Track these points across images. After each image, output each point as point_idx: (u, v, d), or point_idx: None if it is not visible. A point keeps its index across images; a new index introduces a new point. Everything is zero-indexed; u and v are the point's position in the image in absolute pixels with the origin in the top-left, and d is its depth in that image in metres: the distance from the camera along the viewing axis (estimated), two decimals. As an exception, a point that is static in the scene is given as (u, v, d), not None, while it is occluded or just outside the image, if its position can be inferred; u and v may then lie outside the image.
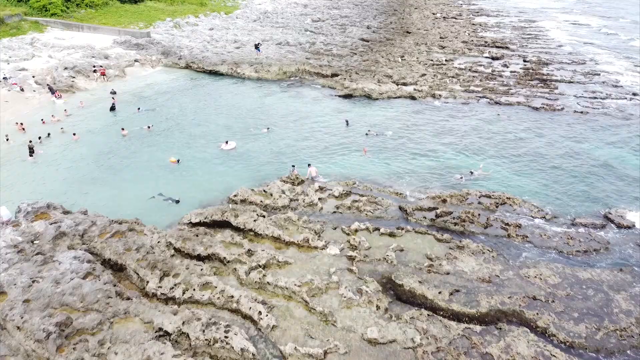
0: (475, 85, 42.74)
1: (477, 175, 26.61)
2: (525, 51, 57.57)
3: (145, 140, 31.64)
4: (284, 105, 38.95)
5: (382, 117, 36.15)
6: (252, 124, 34.53)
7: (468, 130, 33.51)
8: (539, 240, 20.41)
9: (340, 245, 19.23)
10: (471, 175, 26.42)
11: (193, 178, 26.37)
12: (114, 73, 45.56)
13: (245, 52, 51.84)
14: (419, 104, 38.85)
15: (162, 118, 35.59)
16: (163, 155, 29.27)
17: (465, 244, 19.42)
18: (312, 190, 23.32)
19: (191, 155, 29.28)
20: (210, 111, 37.28)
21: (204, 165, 28.01)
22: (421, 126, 34.24)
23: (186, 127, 33.99)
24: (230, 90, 42.77)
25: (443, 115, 36.28)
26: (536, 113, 36.91)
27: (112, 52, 50.88)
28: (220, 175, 26.73)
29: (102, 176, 26.48)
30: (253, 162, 28.53)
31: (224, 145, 30.12)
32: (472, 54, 55.55)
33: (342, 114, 36.76)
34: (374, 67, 47.64)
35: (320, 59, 50.50)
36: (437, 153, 29.96)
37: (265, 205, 22.47)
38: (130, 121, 34.53)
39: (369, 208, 22.22)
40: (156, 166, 27.79)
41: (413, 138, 32.19)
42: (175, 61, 49.49)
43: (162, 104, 38.62)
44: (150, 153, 29.69)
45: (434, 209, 22.28)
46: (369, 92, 40.61)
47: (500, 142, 31.67)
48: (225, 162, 28.49)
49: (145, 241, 18.80)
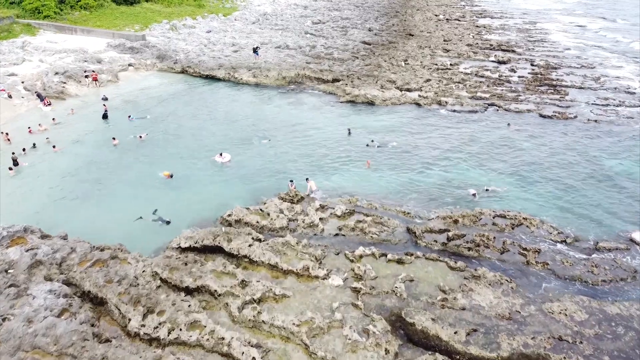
0: (483, 92, 41.00)
1: (484, 190, 24.87)
2: (533, 55, 55.87)
3: (137, 151, 29.89)
4: (282, 113, 37.21)
5: (385, 126, 34.41)
6: (252, 134, 32.78)
7: (477, 140, 31.77)
8: (561, 268, 18.66)
9: (344, 274, 17.49)
10: (487, 192, 24.65)
11: (186, 194, 24.63)
12: (107, 78, 43.84)
13: (243, 56, 50.12)
14: (424, 112, 37.11)
15: (155, 127, 33.84)
16: (155, 168, 27.51)
17: (481, 272, 17.67)
18: (312, 210, 21.58)
19: (185, 168, 27.54)
20: (206, 119, 35.54)
21: (198, 179, 26.28)
22: (427, 136, 32.50)
23: (180, 137, 32.25)
24: (227, 97, 41.04)
25: (450, 124, 34.53)
26: (548, 122, 35.16)
27: (106, 56, 49.17)
28: (215, 191, 25.00)
29: (88, 192, 24.72)
30: (249, 176, 26.80)
31: (218, 158, 28.40)
32: (477, 57, 53.83)
33: (344, 122, 35.03)
34: (377, 72, 45.92)
35: (320, 63, 48.79)
36: (445, 166, 28.22)
37: (261, 227, 20.72)
38: (122, 130, 32.79)
39: (374, 230, 20.47)
40: (147, 180, 26.04)
41: (419, 149, 30.45)
42: (170, 65, 47.77)
43: (155, 112, 36.88)
44: (141, 165, 27.94)
45: (445, 230, 20.54)
46: (371, 99, 38.88)
47: (511, 153, 29.92)
48: (220, 176, 26.76)
49: (128, 271, 17.05)
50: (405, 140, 31.78)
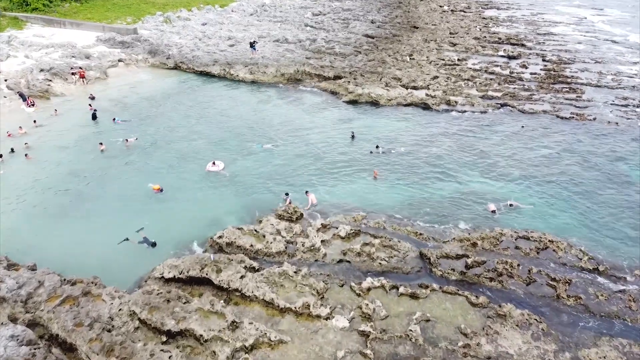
0: (494, 90, 38.55)
1: (507, 205, 22.59)
2: (544, 49, 53.25)
3: (124, 158, 27.56)
4: (281, 113, 34.80)
5: (391, 129, 32.04)
6: (249, 138, 30.43)
7: (490, 146, 29.41)
8: (595, 303, 16.44)
9: (350, 313, 15.28)
10: (511, 207, 22.37)
11: (174, 209, 22.35)
12: (95, 75, 41.37)
13: (240, 51, 47.54)
14: (432, 113, 34.69)
15: (144, 130, 31.47)
16: (142, 178, 25.22)
17: (507, 310, 15.44)
18: (313, 231, 19.30)
19: (175, 179, 25.25)
20: (199, 121, 33.15)
21: (189, 191, 23.99)
22: (437, 141, 30.13)
23: (171, 142, 29.89)
24: (221, 96, 38.59)
25: (461, 127, 32.14)
26: (565, 124, 32.76)
27: (95, 51, 46.60)
28: (207, 205, 22.72)
29: (66, 207, 22.45)
30: (244, 187, 24.51)
31: (210, 166, 26.09)
32: (486, 52, 51.23)
33: (347, 124, 32.66)
34: (381, 68, 43.40)
35: (321, 58, 46.23)
36: (458, 176, 25.92)
37: (256, 251, 18.46)
38: (110, 133, 30.51)
39: (383, 255, 18.22)
40: (134, 194, 23.74)
41: (428, 155, 28.11)
42: (163, 61, 45.25)
43: (145, 113, 34.48)
44: (127, 176, 25.63)
45: (463, 256, 18.29)
46: (376, 98, 36.45)
47: (528, 161, 27.58)
48: (213, 188, 24.46)
49: (102, 311, 14.83)
50: (413, 145, 29.43)
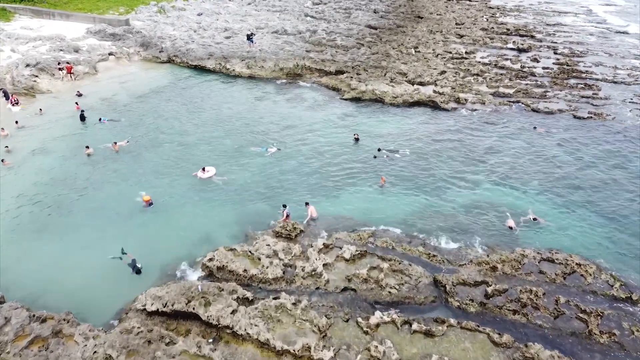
0: (505, 86, 36.41)
1: (530, 220, 20.64)
2: (554, 41, 50.92)
3: (111, 164, 25.55)
4: (279, 112, 32.72)
5: (397, 130, 30.00)
6: (247, 139, 28.44)
7: (504, 149, 27.40)
8: (631, 340, 14.58)
9: (357, 357, 13.41)
10: (534, 222, 20.42)
11: (162, 225, 20.41)
12: (84, 70, 39.16)
13: (237, 44, 45.24)
14: (441, 112, 32.59)
15: (133, 131, 29.43)
16: (130, 187, 23.28)
17: (535, 352, 13.57)
18: (314, 252, 17.38)
19: (165, 188, 23.29)
20: (192, 121, 31.09)
21: (179, 202, 22.05)
22: (447, 144, 28.09)
23: (161, 144, 27.87)
24: (217, 92, 36.46)
25: (471, 128, 30.07)
26: (583, 125, 30.69)
27: (84, 44, 44.31)
28: (198, 219, 20.79)
29: (45, 222, 20.49)
30: (239, 197, 22.57)
31: (200, 174, 24.11)
32: (494, 44, 48.91)
33: (350, 124, 30.60)
34: (385, 62, 41.19)
35: (322, 51, 43.97)
36: (471, 183, 23.96)
37: (250, 277, 16.56)
38: (97, 135, 28.54)
39: (392, 281, 16.33)
40: (120, 206, 21.79)
41: (438, 160, 26.12)
42: (155, 54, 43.01)
43: (135, 111, 32.41)
44: (114, 183, 23.69)
45: (482, 283, 16.40)
46: (380, 96, 34.33)
47: (546, 167, 25.60)
48: (206, 198, 22.50)
49: (74, 354, 12.97)
50: (421, 148, 27.42)
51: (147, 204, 21.24)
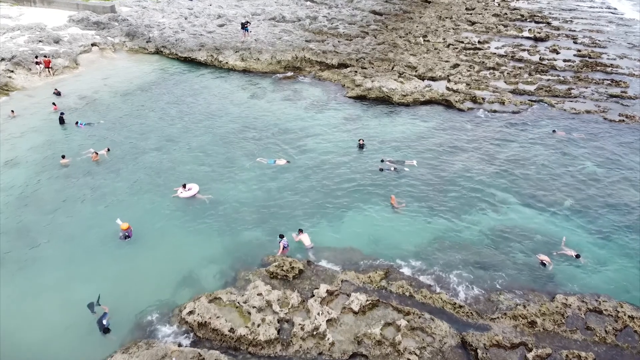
0: (525, 82, 33.15)
1: (569, 256, 17.70)
2: (572, 29, 47.37)
3: (89, 177, 22.56)
4: (275, 113, 29.57)
5: (406, 135, 26.90)
6: (243, 147, 25.40)
7: (528, 160, 24.33)
8: None
9: None
10: (574, 259, 17.48)
11: (140, 261, 17.46)
12: (63, 63, 35.88)
13: (230, 33, 41.74)
14: (455, 113, 29.42)
15: (114, 136, 26.41)
16: (106, 210, 20.32)
17: None
18: (316, 304, 14.49)
19: (146, 209, 20.36)
20: (180, 124, 27.99)
21: (160, 230, 19.08)
22: (463, 153, 25.03)
23: (145, 152, 24.85)
24: (208, 88, 33.22)
25: (490, 133, 26.95)
26: (615, 129, 27.55)
27: (66, 34, 40.94)
28: (179, 253, 17.83)
29: (5, 254, 17.59)
30: (227, 222, 19.60)
31: (181, 192, 21.09)
32: (508, 32, 45.39)
33: (353, 127, 27.52)
34: (392, 54, 37.81)
35: (323, 41, 40.52)
36: (492, 203, 20.98)
37: (238, 339, 13.67)
38: (76, 142, 25.58)
39: (412, 344, 13.47)
40: (94, 233, 18.87)
41: (455, 173, 23.11)
42: (142, 45, 39.64)
43: (117, 112, 29.29)
44: (89, 203, 20.76)
45: (520, 344, 13.54)
46: (388, 94, 31.11)
47: (578, 182, 22.59)
48: (189, 224, 19.52)
49: None
50: (434, 159, 24.38)
51: (124, 235, 18.17)
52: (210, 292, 15.31)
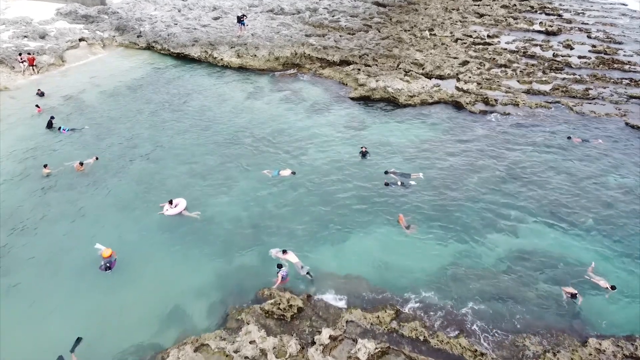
0: (539, 81, 31.12)
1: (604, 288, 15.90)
2: (585, 22, 45.11)
3: (70, 190, 20.74)
4: (273, 116, 27.62)
5: (414, 142, 24.98)
6: (237, 154, 23.55)
7: (547, 171, 22.44)
8: None
9: None
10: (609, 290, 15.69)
11: (120, 295, 15.69)
12: (49, 61, 33.79)
13: (226, 26, 39.55)
14: (466, 116, 27.43)
15: (99, 143, 24.53)
16: (88, 228, 18.54)
17: None
18: (317, 354, 12.73)
19: (130, 229, 18.56)
20: (171, 128, 26.06)
21: (144, 255, 17.28)
22: (476, 161, 23.13)
23: (132, 161, 22.99)
24: (201, 88, 31.19)
25: (505, 139, 25.01)
26: (637, 136, 25.62)
27: (53, 28, 38.72)
28: (164, 284, 16.07)
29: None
30: (218, 244, 17.83)
31: (167, 208, 19.23)
32: (519, 25, 43.15)
33: (356, 132, 25.61)
34: (397, 49, 35.69)
35: (324, 35, 38.35)
36: (509, 221, 19.15)
37: (228, 395, 11.99)
38: (57, 149, 23.73)
39: (425, 400, 11.77)
40: (74, 257, 17.10)
41: (468, 187, 21.24)
42: (133, 40, 37.49)
43: (104, 114, 27.34)
44: (70, 221, 18.98)
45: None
46: (394, 95, 29.11)
47: (603, 197, 20.71)
48: (176, 248, 17.75)
49: None
50: (444, 169, 22.50)
51: (105, 265, 16.31)
52: (197, 335, 13.58)
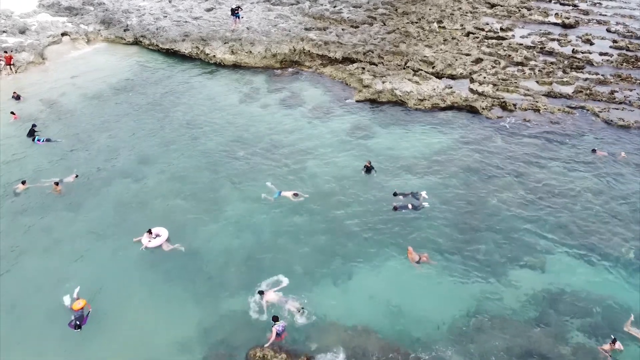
0: (559, 81, 28.53)
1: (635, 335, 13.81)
2: (603, 13, 42.09)
3: (43, 215, 18.60)
4: (270, 121, 25.25)
5: (424, 152, 22.58)
6: (228, 171, 21.23)
7: (574, 190, 20.01)
8: None
9: None
10: None
11: (94, 351, 13.58)
12: (28, 58, 31.33)
13: (219, 19, 36.77)
14: (482, 123, 24.93)
15: (76, 156, 22.32)
16: (60, 262, 16.42)
17: None
18: None
19: (107, 266, 16.41)
20: (156, 139, 23.75)
21: (121, 301, 15.12)
22: (494, 178, 20.74)
23: (111, 179, 20.76)
24: (192, 89, 28.72)
25: (527, 152, 22.50)
26: (673, 146, 23.26)
27: (34, 21, 36.15)
28: (144, 336, 13.96)
29: None
30: (207, 285, 15.69)
31: (146, 240, 16.96)
32: (533, 17, 40.26)
33: (360, 142, 23.26)
34: (405, 45, 32.97)
35: (325, 29, 35.60)
36: (534, 253, 16.88)
37: None
38: (30, 163, 21.53)
39: None
40: (43, 300, 15.00)
41: (486, 210, 18.92)
42: (119, 34, 34.86)
43: (83, 122, 25.11)
44: (41, 253, 16.91)
45: None
46: (402, 98, 26.65)
47: (636, 222, 18.44)
48: (159, 286, 15.60)
49: None
50: (459, 188, 20.14)
51: (75, 322, 13.99)
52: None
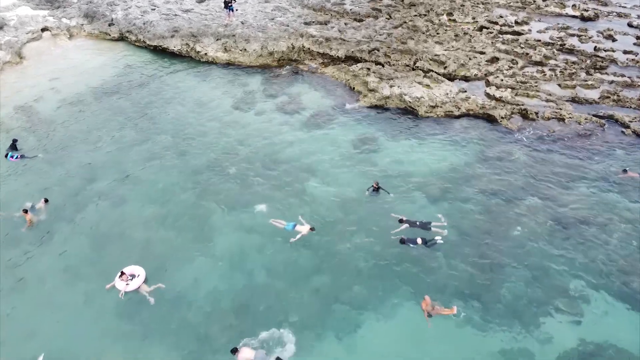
0: (583, 84, 26.02)
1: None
2: (622, 4, 39.21)
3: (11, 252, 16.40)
4: (266, 131, 22.90)
5: (436, 169, 20.26)
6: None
7: (605, 219, 17.77)
8: None
9: None
10: None
11: None
12: (4, 58, 28.85)
13: (212, 12, 34.05)
14: (501, 134, 22.52)
15: (50, 173, 20.05)
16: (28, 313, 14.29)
17: None
18: None
19: (82, 316, 14.30)
20: (140, 152, 21.44)
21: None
22: (517, 203, 18.46)
23: (89, 204, 18.52)
24: (181, 93, 26.25)
25: (552, 171, 20.10)
26: None
27: (13, 16, 33.40)
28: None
29: None
30: (190, 341, 13.58)
31: (122, 284, 14.77)
32: (549, 9, 37.44)
33: (365, 156, 20.92)
34: (413, 41, 30.32)
35: (326, 23, 32.94)
36: (569, 300, 14.76)
37: None
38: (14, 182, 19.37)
39: None
40: None
41: (510, 245, 16.71)
42: (103, 29, 32.27)
43: (60, 132, 22.79)
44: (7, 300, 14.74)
45: None
46: (412, 105, 24.22)
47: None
48: (135, 342, 13.50)
49: None
50: (478, 214, 17.92)
51: None
52: None
